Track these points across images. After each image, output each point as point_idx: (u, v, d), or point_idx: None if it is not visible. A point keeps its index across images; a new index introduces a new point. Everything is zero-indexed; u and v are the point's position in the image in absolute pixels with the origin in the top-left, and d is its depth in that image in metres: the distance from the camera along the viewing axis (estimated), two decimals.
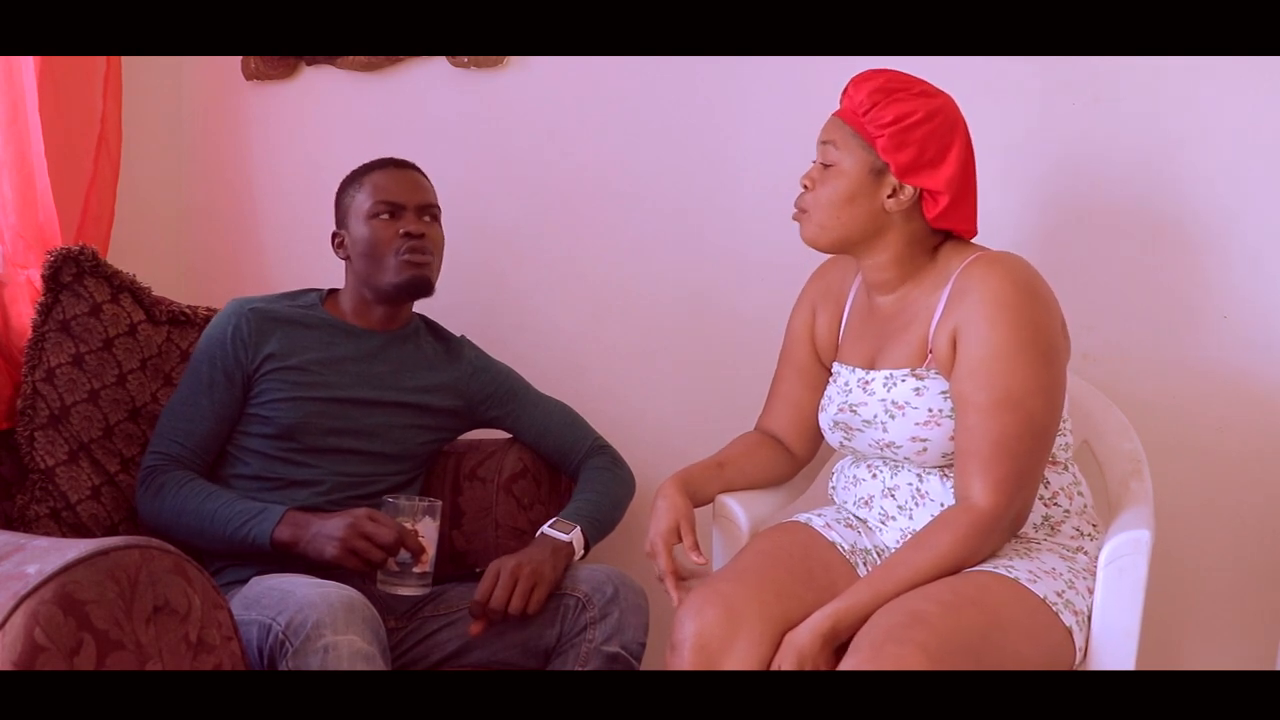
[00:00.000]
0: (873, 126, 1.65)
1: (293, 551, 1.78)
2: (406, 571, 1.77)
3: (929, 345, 1.67)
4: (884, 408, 1.69)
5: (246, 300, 1.99)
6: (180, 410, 1.93)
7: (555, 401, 2.13)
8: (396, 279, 1.96)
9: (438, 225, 2.02)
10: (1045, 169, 2.02)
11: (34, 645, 1.21)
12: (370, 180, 2.00)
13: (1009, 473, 1.58)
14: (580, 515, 1.93)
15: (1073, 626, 1.59)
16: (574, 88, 2.34)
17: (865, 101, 1.66)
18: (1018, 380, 1.59)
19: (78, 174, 2.15)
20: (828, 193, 1.69)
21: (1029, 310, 1.61)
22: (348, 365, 1.97)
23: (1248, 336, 1.98)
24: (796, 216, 1.74)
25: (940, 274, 1.70)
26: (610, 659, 1.80)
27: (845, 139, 1.68)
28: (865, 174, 1.67)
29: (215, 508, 1.82)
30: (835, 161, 1.69)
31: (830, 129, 1.71)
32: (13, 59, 2.04)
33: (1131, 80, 1.99)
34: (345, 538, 1.73)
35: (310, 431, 1.92)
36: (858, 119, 1.67)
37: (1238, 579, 2.02)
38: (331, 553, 1.74)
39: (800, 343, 1.87)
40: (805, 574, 1.67)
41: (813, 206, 1.71)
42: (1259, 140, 1.95)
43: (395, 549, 1.75)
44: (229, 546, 1.81)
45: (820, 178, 1.70)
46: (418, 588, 1.78)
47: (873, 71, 1.70)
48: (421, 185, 2.02)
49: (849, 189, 1.68)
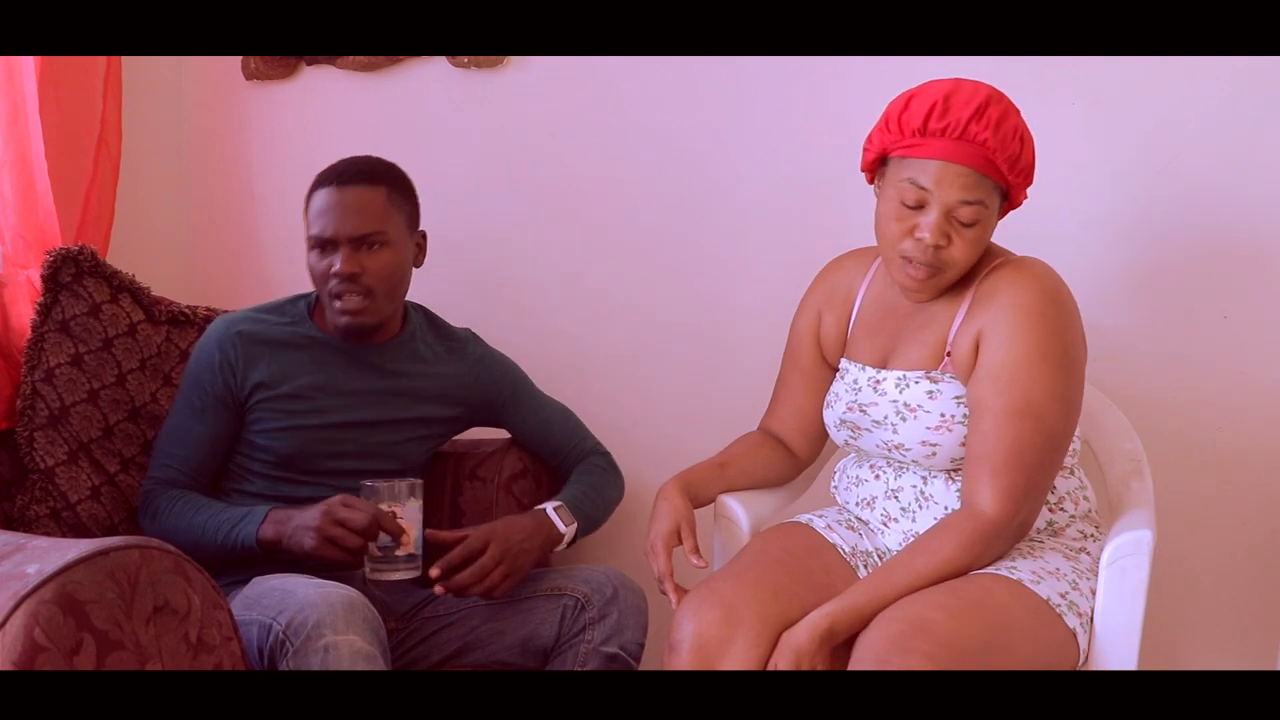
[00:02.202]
0: (1013, 175, 1.59)
1: (278, 549, 1.76)
2: (390, 555, 1.74)
3: (947, 348, 1.66)
4: (895, 409, 1.68)
5: (232, 321, 1.93)
6: (174, 435, 1.91)
7: (555, 403, 2.12)
8: (335, 322, 1.89)
9: (385, 251, 1.86)
10: (1045, 169, 2.02)
11: (34, 645, 1.21)
12: (313, 201, 1.89)
13: (1019, 482, 1.57)
14: (579, 509, 1.92)
15: (1076, 629, 1.58)
16: (574, 88, 2.34)
17: (1010, 148, 1.57)
18: (1038, 389, 1.57)
19: (78, 174, 2.15)
20: (972, 252, 1.61)
21: (1055, 320, 1.60)
22: (342, 386, 1.92)
23: (1248, 336, 1.98)
24: (924, 279, 1.62)
25: (963, 278, 1.66)
26: (609, 659, 1.79)
27: (988, 194, 1.59)
28: (997, 219, 1.65)
29: (204, 520, 1.81)
30: (981, 220, 1.59)
31: (972, 187, 1.57)
32: (13, 59, 2.04)
33: (1131, 80, 2.00)
34: (320, 527, 1.71)
35: (308, 457, 1.90)
36: (998, 170, 1.58)
37: (1238, 579, 2.02)
38: (310, 544, 1.71)
39: (805, 345, 1.85)
40: (805, 575, 1.66)
41: (950, 266, 1.61)
42: (1259, 140, 1.95)
43: (372, 532, 1.71)
44: (224, 555, 1.79)
45: (960, 237, 1.59)
46: (406, 571, 1.75)
47: (977, 97, 1.57)
48: (361, 209, 1.85)
49: (988, 239, 1.64)
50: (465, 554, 1.78)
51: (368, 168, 1.91)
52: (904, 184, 1.59)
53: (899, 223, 1.61)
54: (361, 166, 1.91)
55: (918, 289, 1.65)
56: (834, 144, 2.09)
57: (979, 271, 1.66)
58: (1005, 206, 1.66)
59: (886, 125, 1.63)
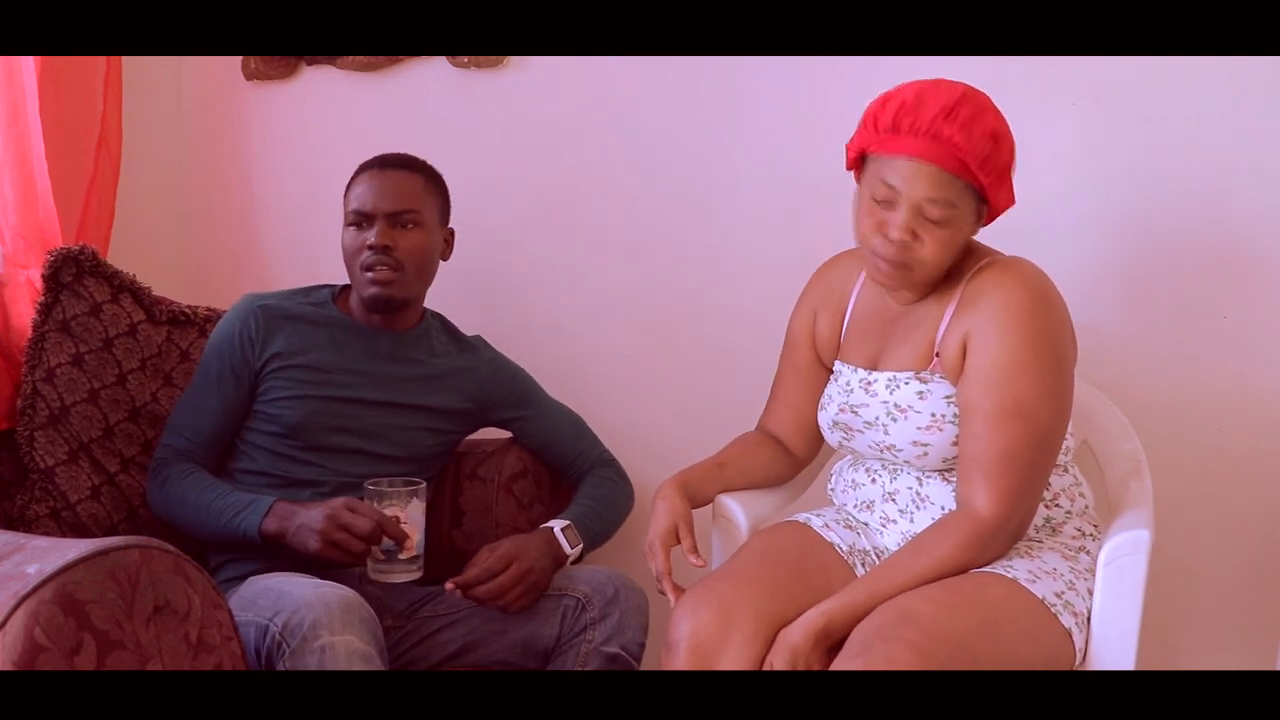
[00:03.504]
0: (984, 175, 1.56)
1: (281, 543, 1.77)
2: (393, 559, 1.75)
3: (935, 349, 1.66)
4: (886, 410, 1.68)
5: (258, 297, 1.99)
6: (189, 406, 1.95)
7: (565, 409, 2.13)
8: (363, 294, 1.95)
9: (418, 231, 1.94)
10: (1045, 169, 2.02)
11: (34, 645, 1.21)
12: (354, 184, 1.98)
13: (1014, 483, 1.57)
14: (585, 527, 1.94)
15: (1072, 628, 1.58)
16: (574, 88, 2.34)
17: (980, 149, 1.54)
18: (1027, 389, 1.57)
19: (78, 174, 2.15)
20: (943, 252, 1.59)
21: (1043, 320, 1.60)
22: (355, 365, 1.97)
23: (1248, 336, 1.98)
24: (891, 274, 1.61)
25: (950, 278, 1.67)
26: (610, 659, 1.80)
27: (959, 194, 1.57)
28: (974, 221, 1.63)
29: (210, 500, 1.83)
30: (951, 221, 1.57)
31: (941, 185, 1.55)
32: (13, 59, 2.04)
33: (1131, 80, 1.99)
34: (324, 530, 1.72)
35: (314, 430, 1.92)
36: (970, 171, 1.55)
37: (1238, 579, 2.02)
38: (314, 546, 1.73)
39: (801, 344, 1.86)
40: (802, 574, 1.66)
41: (919, 265, 1.60)
42: (1259, 140, 1.95)
43: (375, 538, 1.72)
44: (224, 538, 1.82)
45: (929, 235, 1.58)
46: (408, 572, 1.76)
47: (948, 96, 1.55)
48: (400, 189, 1.94)
49: (961, 237, 1.62)
50: (484, 574, 1.80)
51: (409, 159, 2.01)
52: (876, 181, 1.59)
53: (870, 218, 1.61)
54: (403, 157, 2.01)
55: (889, 284, 1.66)
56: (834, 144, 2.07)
57: (966, 272, 1.66)
58: (988, 211, 1.63)
59: (864, 124, 1.64)
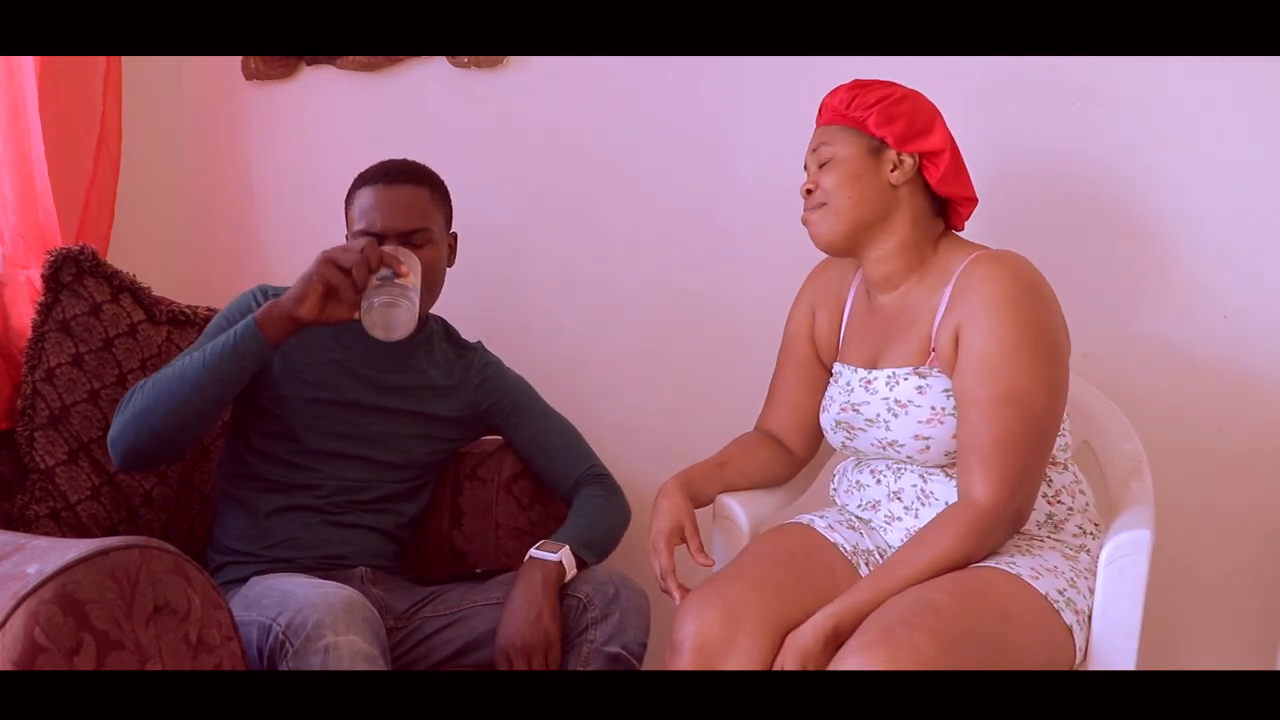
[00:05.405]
0: (858, 111, 1.70)
1: (280, 317, 1.71)
2: (388, 282, 1.68)
3: (931, 343, 1.67)
4: (886, 406, 1.69)
5: (270, 288, 1.96)
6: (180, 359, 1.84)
7: (560, 421, 2.08)
8: None
9: (429, 249, 1.90)
10: (1045, 169, 2.02)
11: (34, 645, 1.21)
12: (359, 196, 1.93)
13: (1010, 469, 1.58)
14: (570, 537, 1.87)
15: (1073, 625, 1.59)
16: (574, 88, 2.34)
17: (845, 98, 1.72)
18: (1020, 377, 1.59)
19: (78, 174, 2.15)
20: (834, 179, 1.71)
21: (1031, 308, 1.62)
22: (357, 370, 1.95)
23: (1248, 336, 1.98)
24: (807, 218, 1.74)
25: (941, 272, 1.70)
26: (611, 659, 1.79)
27: (834, 134, 1.72)
28: (865, 155, 1.70)
29: (187, 360, 1.77)
30: (831, 156, 1.72)
31: (818, 135, 1.75)
32: (13, 59, 2.04)
33: (1130, 80, 2.00)
34: (317, 268, 1.68)
35: (313, 433, 1.92)
36: (842, 114, 1.72)
37: (1238, 579, 2.02)
38: (313, 284, 1.67)
39: (799, 342, 1.87)
40: (806, 575, 1.67)
41: (823, 198, 1.72)
42: (1259, 140, 1.95)
43: (371, 260, 1.67)
44: (220, 379, 1.74)
45: (820, 175, 1.72)
46: (405, 300, 1.69)
47: (839, 86, 1.75)
48: (408, 206, 1.91)
49: (853, 169, 1.70)
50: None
51: (412, 169, 1.97)
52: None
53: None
54: (406, 167, 1.97)
55: (818, 235, 1.74)
56: None
57: (956, 266, 1.68)
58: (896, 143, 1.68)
59: None
